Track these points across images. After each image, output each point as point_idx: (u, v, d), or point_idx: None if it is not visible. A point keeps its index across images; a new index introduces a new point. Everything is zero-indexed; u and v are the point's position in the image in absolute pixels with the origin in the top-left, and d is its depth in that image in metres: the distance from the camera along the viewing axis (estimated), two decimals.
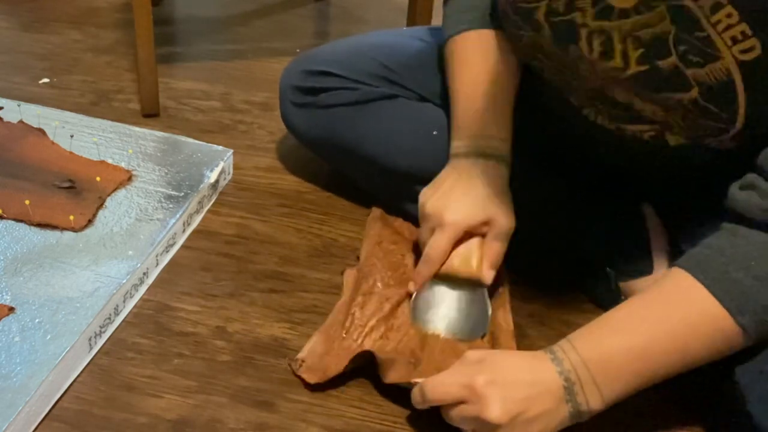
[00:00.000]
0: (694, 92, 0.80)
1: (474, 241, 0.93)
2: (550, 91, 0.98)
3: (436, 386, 0.79)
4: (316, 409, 0.87)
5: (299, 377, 0.89)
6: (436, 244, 0.92)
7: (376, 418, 0.87)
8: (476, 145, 0.95)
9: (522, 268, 1.05)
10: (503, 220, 0.92)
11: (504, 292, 0.99)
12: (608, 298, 1.01)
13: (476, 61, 0.99)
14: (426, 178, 0.97)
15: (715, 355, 0.78)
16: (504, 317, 0.96)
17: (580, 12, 0.83)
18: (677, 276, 0.78)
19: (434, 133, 1.05)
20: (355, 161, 1.10)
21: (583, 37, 0.84)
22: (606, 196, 1.04)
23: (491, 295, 0.97)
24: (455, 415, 0.78)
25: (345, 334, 0.92)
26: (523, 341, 0.97)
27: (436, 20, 1.07)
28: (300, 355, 0.90)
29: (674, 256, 0.98)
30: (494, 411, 0.74)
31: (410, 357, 0.90)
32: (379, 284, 0.98)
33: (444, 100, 1.08)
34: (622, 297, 1.00)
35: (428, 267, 0.94)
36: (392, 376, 0.87)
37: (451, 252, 0.93)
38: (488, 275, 0.93)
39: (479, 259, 0.93)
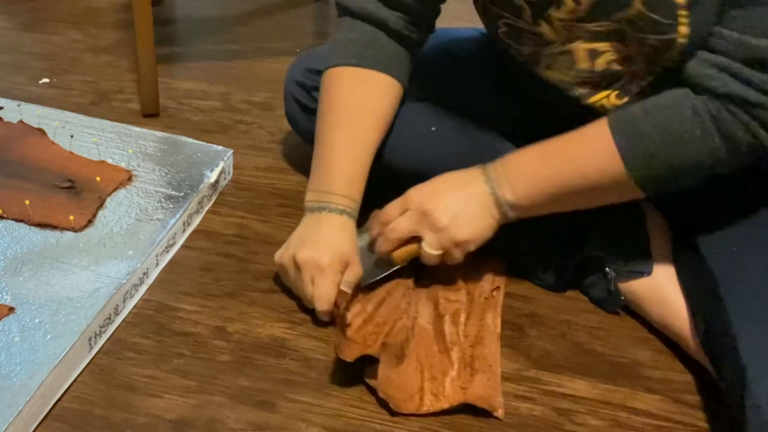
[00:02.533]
0: (638, 4, 0.84)
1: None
2: (532, 81, 0.99)
3: (389, 230, 0.94)
4: (316, 409, 0.87)
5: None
6: (322, 291, 0.94)
7: (376, 418, 0.87)
8: (324, 200, 0.98)
9: (521, 269, 1.05)
10: (357, 268, 0.96)
11: (497, 296, 1.00)
12: (608, 299, 1.01)
13: (348, 102, 1.00)
14: (425, 176, 0.97)
15: (605, 180, 0.87)
16: (493, 319, 0.97)
17: None
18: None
19: (432, 129, 1.05)
20: None
21: None
22: None
23: (487, 300, 1.00)
24: (401, 228, 0.93)
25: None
26: (523, 341, 0.97)
27: (437, 22, 1.07)
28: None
29: (677, 255, 0.99)
30: (434, 210, 0.91)
31: (398, 351, 0.90)
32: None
33: (444, 98, 1.08)
34: (622, 298, 1.00)
35: (325, 313, 0.96)
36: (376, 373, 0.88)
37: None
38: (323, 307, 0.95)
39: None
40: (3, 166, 1.13)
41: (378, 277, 0.99)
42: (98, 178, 1.11)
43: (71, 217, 1.04)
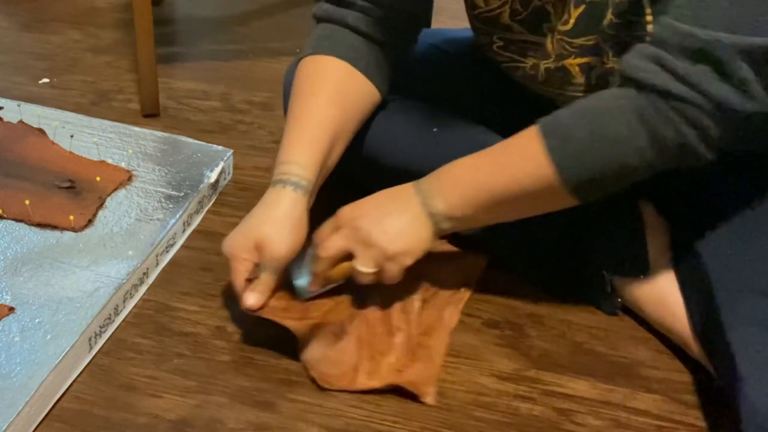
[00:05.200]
0: (609, 13, 0.85)
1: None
2: (529, 93, 1.00)
3: (321, 249, 0.90)
4: (316, 409, 0.87)
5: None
6: (231, 281, 0.92)
7: (376, 418, 0.87)
8: (275, 173, 0.94)
9: (520, 269, 1.05)
10: (275, 246, 0.90)
11: (463, 294, 1.00)
12: (605, 301, 1.01)
13: (307, 84, 0.99)
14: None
15: (537, 187, 0.85)
16: (450, 315, 0.97)
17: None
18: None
19: (434, 130, 1.05)
20: (356, 160, 1.10)
21: (551, 11, 0.90)
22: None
23: (452, 294, 0.99)
24: (335, 246, 0.89)
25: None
26: (523, 341, 0.97)
27: (435, 22, 1.07)
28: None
29: (675, 255, 0.99)
30: (365, 224, 0.88)
31: (337, 330, 0.91)
32: None
33: (443, 99, 1.08)
34: (619, 300, 1.00)
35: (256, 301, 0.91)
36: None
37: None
38: (247, 297, 0.91)
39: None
40: (3, 166, 1.13)
41: (314, 295, 0.95)
42: (98, 178, 1.11)
43: (71, 217, 1.04)
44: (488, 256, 1.05)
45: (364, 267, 0.89)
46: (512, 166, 0.87)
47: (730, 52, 0.75)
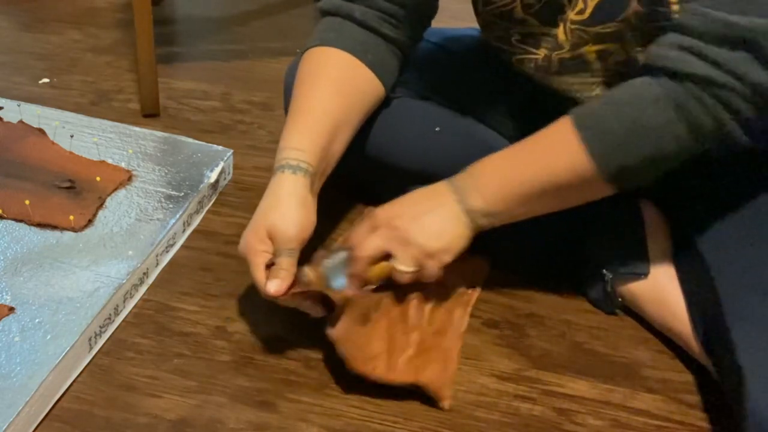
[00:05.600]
0: (635, 3, 0.85)
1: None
2: (535, 86, 0.99)
3: (359, 249, 0.88)
4: (316, 409, 0.87)
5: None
6: (252, 277, 0.89)
7: (377, 418, 0.87)
8: (276, 160, 0.93)
9: (521, 268, 1.05)
10: (283, 229, 0.89)
11: (471, 294, 1.00)
12: (605, 301, 1.01)
13: (312, 74, 0.98)
14: (428, 176, 0.97)
15: (574, 178, 0.85)
16: (461, 316, 0.97)
17: None
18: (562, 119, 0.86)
19: (436, 129, 1.05)
20: (357, 159, 1.10)
21: (565, 3, 0.90)
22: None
23: (460, 296, 0.98)
24: (374, 245, 0.88)
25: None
26: (523, 341, 0.97)
27: (436, 22, 1.07)
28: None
29: (676, 254, 0.99)
30: (402, 223, 0.87)
31: (365, 311, 0.91)
32: None
33: (446, 98, 1.08)
34: (620, 299, 1.00)
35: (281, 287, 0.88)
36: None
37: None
38: (268, 285, 0.88)
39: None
40: (3, 166, 1.13)
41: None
42: (98, 178, 1.11)
43: (71, 217, 1.04)
44: (489, 260, 1.05)
45: (404, 266, 0.88)
46: (547, 159, 0.87)
47: None
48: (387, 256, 0.89)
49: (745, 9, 0.76)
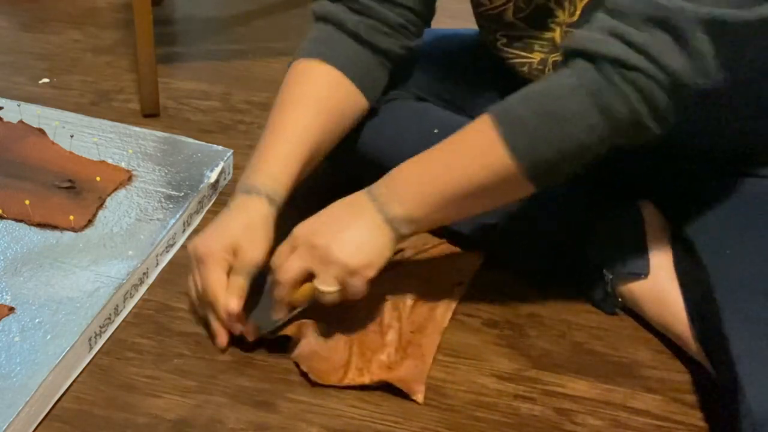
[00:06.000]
0: None
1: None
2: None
3: (280, 273, 0.87)
4: (316, 409, 0.87)
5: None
6: (205, 281, 0.88)
7: (377, 418, 0.87)
8: (244, 180, 0.93)
9: (521, 268, 1.05)
10: (253, 250, 0.89)
11: (457, 291, 1.00)
12: (605, 301, 1.01)
13: (296, 90, 0.97)
14: None
15: (494, 177, 0.81)
16: (443, 313, 0.97)
17: None
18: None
19: (435, 131, 1.05)
20: (356, 160, 1.10)
21: (554, 8, 0.90)
22: (605, 195, 1.04)
23: (445, 293, 0.99)
24: (295, 266, 0.86)
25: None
26: (523, 341, 0.97)
27: (435, 22, 1.07)
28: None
29: (675, 254, 0.99)
30: (322, 241, 0.84)
31: (322, 329, 0.91)
32: None
33: (443, 100, 1.08)
34: (619, 300, 1.00)
35: (223, 306, 0.89)
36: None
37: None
38: (229, 300, 0.88)
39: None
40: (3, 166, 1.13)
41: (279, 324, 0.92)
42: (98, 178, 1.11)
43: (71, 217, 1.04)
44: (483, 255, 1.05)
45: (326, 286, 0.85)
46: (466, 159, 0.83)
47: (692, 22, 0.72)
48: (311, 276, 0.86)
49: None
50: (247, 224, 0.90)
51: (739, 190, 0.95)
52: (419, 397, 0.88)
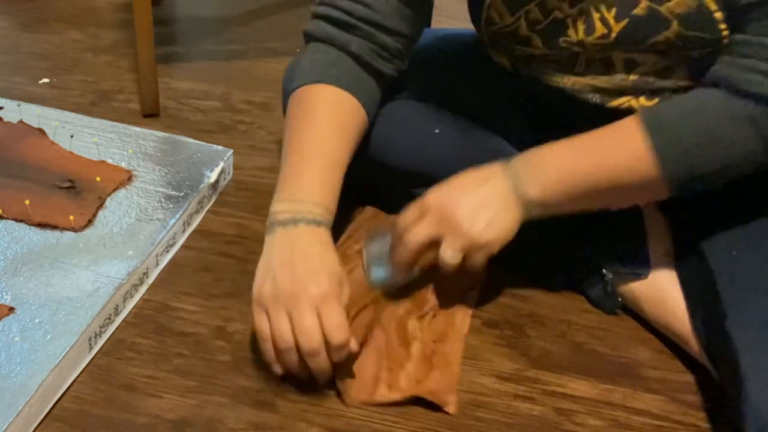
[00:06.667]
0: (675, 26, 0.86)
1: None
2: (539, 85, 0.99)
3: (408, 236, 0.87)
4: (316, 409, 0.87)
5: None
6: (336, 322, 0.82)
7: (376, 418, 0.87)
8: (300, 210, 0.87)
9: (521, 269, 1.05)
10: (347, 287, 0.86)
11: (472, 296, 1.00)
12: (605, 301, 1.01)
13: (321, 116, 0.95)
14: (427, 178, 0.97)
15: (635, 181, 0.85)
16: (462, 319, 0.97)
17: (558, 9, 0.89)
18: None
19: (436, 131, 1.05)
20: (356, 160, 1.10)
21: (569, 25, 0.90)
22: None
23: (460, 299, 0.98)
24: (422, 233, 0.87)
25: None
26: (523, 341, 0.97)
27: (435, 23, 1.07)
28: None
29: (677, 254, 0.99)
30: (455, 211, 0.86)
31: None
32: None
33: (444, 100, 1.08)
34: (619, 299, 1.00)
35: (345, 346, 0.84)
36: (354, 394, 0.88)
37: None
38: (354, 344, 0.85)
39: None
40: (3, 166, 1.13)
41: (393, 287, 0.93)
42: (98, 178, 1.11)
43: (71, 217, 1.04)
44: (488, 262, 1.05)
45: (452, 255, 0.87)
46: (613, 158, 0.86)
47: None
48: (433, 243, 0.88)
49: None
50: (337, 258, 0.87)
51: (742, 189, 0.95)
52: (451, 408, 0.87)
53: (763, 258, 0.89)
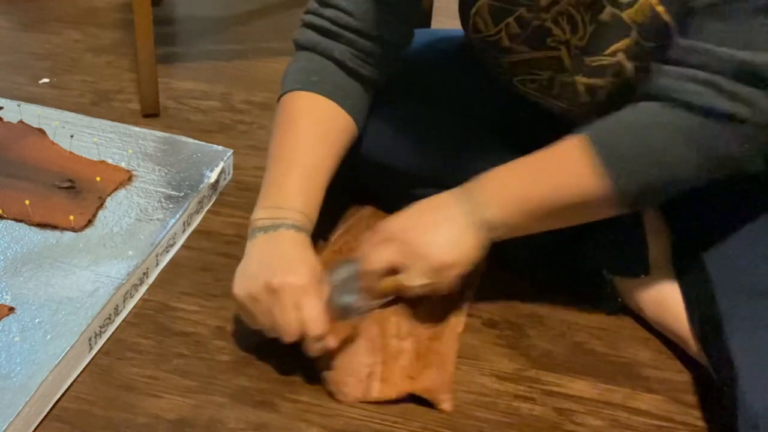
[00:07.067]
0: (634, 34, 0.87)
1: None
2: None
3: (367, 262, 0.88)
4: (316, 409, 0.87)
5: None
6: (314, 313, 0.84)
7: (376, 418, 0.87)
8: (280, 216, 0.90)
9: (521, 269, 1.05)
10: (326, 285, 0.88)
11: (467, 294, 1.00)
12: (605, 301, 1.01)
13: (301, 125, 0.96)
14: (426, 179, 0.97)
15: (586, 198, 0.85)
16: (457, 318, 0.97)
17: (535, 19, 0.91)
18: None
19: (432, 133, 1.05)
20: (356, 161, 1.10)
21: (552, 27, 0.91)
22: None
23: (456, 298, 0.97)
24: (381, 257, 0.87)
25: None
26: (523, 341, 0.97)
27: (435, 23, 1.07)
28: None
29: (676, 255, 0.99)
30: (414, 236, 0.87)
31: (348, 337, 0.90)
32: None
33: (443, 102, 1.08)
34: (619, 300, 1.00)
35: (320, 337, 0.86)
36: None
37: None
38: (330, 342, 0.87)
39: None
40: (3, 166, 1.13)
41: (361, 312, 0.92)
42: (98, 178, 1.11)
43: (71, 217, 1.04)
44: (486, 261, 1.05)
45: (415, 281, 0.87)
46: (561, 179, 0.86)
47: None
48: (396, 270, 0.88)
49: (749, 44, 0.77)
50: (316, 259, 0.89)
51: (739, 190, 0.95)
52: (446, 406, 0.87)
53: (759, 259, 0.89)
